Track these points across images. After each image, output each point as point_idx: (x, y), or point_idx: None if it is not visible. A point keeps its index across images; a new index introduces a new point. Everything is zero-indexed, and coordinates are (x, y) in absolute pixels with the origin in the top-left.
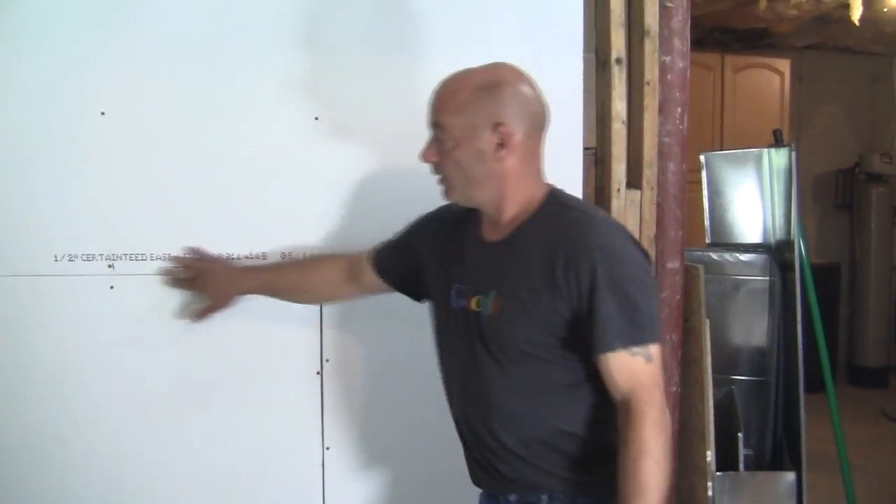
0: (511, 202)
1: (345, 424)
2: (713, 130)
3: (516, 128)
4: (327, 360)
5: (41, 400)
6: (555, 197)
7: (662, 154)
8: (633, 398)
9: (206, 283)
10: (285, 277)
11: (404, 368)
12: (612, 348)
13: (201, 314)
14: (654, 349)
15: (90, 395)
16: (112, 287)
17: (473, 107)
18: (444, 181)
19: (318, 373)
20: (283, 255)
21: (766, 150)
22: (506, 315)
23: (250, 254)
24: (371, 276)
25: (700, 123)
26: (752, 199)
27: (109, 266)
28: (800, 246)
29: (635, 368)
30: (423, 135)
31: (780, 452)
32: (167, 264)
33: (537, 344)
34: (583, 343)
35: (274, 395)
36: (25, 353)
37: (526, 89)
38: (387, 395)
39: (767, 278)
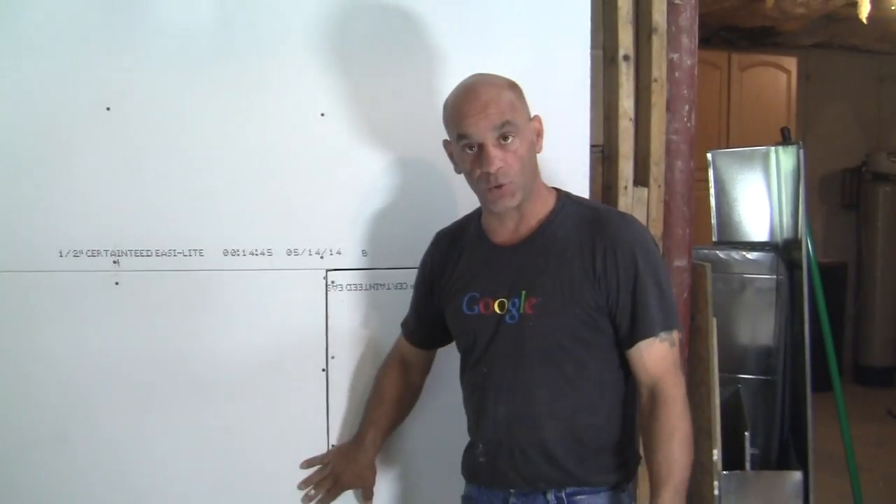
0: (537, 198)
1: (350, 422)
2: (719, 129)
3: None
4: (333, 357)
5: (45, 396)
6: (569, 196)
7: (670, 152)
8: (661, 382)
9: (347, 479)
10: (387, 414)
11: None
12: (650, 334)
13: (365, 499)
14: (676, 334)
15: (94, 391)
16: (117, 283)
17: (521, 101)
18: (509, 186)
19: (323, 370)
20: (288, 251)
21: (773, 148)
22: (544, 313)
23: (255, 250)
24: (419, 355)
25: (706, 122)
26: (759, 197)
27: (114, 262)
28: (808, 244)
29: (663, 353)
30: (426, 130)
31: (787, 452)
32: (309, 491)
33: (576, 339)
34: (618, 333)
35: (279, 391)
36: (30, 348)
37: None
38: None
39: (774, 277)
